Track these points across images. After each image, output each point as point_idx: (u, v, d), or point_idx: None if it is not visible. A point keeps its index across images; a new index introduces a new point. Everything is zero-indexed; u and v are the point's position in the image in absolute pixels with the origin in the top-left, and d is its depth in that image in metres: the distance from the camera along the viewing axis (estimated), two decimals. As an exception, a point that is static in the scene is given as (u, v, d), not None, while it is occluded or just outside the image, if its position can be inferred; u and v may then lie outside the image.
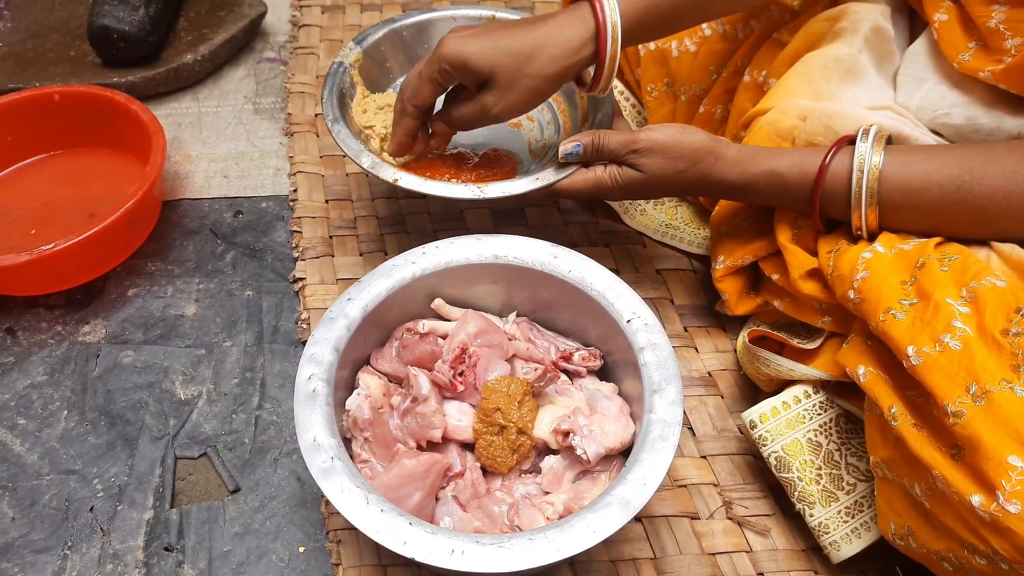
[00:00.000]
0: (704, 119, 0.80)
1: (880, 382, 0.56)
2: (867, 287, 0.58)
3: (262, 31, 1.11)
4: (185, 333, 0.79)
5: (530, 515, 0.59)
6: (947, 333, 0.52)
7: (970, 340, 0.51)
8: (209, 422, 0.72)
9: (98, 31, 0.95)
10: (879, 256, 0.59)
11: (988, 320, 0.52)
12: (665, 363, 0.61)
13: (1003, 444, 0.47)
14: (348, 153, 0.72)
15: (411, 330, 0.67)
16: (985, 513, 0.46)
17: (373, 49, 0.80)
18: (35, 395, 0.74)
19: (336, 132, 0.73)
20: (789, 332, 0.70)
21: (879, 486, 0.57)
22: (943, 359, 0.51)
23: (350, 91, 0.78)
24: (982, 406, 0.48)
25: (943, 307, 0.53)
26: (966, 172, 0.58)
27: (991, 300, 0.53)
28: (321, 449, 0.55)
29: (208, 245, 0.86)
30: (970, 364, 0.50)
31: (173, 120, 0.99)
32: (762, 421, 0.64)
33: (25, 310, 0.80)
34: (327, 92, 0.76)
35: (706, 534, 0.66)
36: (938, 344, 0.52)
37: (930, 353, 0.52)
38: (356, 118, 0.77)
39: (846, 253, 0.62)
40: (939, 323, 0.53)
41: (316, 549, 0.65)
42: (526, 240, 0.69)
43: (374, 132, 0.76)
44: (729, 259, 0.73)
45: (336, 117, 0.74)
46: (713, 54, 0.79)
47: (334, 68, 0.78)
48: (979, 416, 0.48)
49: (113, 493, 0.68)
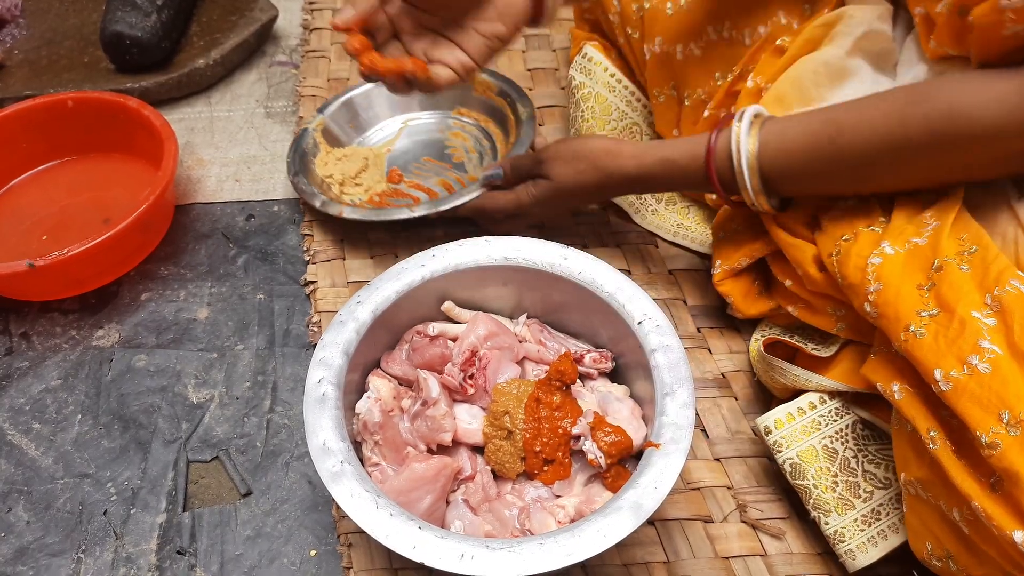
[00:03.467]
0: (709, 123, 0.79)
1: (916, 402, 0.53)
2: (882, 301, 0.55)
3: (274, 35, 1.11)
4: (197, 337, 0.79)
5: (541, 519, 0.59)
6: (975, 355, 0.49)
7: (1000, 361, 0.48)
8: (221, 426, 0.72)
9: (111, 37, 0.95)
10: (889, 260, 0.56)
11: (1018, 335, 0.49)
12: (677, 365, 0.60)
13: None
14: (304, 196, 0.87)
15: (421, 333, 0.67)
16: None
17: (339, 112, 0.96)
18: (49, 399, 0.74)
19: (297, 182, 0.88)
20: (803, 336, 0.69)
21: (910, 503, 0.55)
22: (972, 384, 0.48)
23: (313, 150, 0.93)
24: (1017, 436, 0.46)
25: (969, 323, 0.50)
26: (836, 131, 0.58)
27: (1019, 311, 0.49)
28: (331, 453, 0.55)
29: (220, 249, 0.87)
30: (1002, 389, 0.47)
31: (186, 125, 1.00)
32: (777, 427, 0.63)
33: (40, 315, 0.81)
34: (291, 152, 0.91)
35: (720, 538, 0.65)
36: (966, 367, 0.49)
37: (958, 377, 0.49)
38: (318, 170, 0.92)
39: (849, 257, 0.59)
40: (965, 342, 0.50)
41: (327, 553, 0.65)
42: (536, 242, 0.68)
43: (333, 179, 0.91)
44: (725, 263, 0.73)
45: (297, 171, 0.89)
46: (717, 58, 0.79)
47: (301, 133, 0.93)
48: (1015, 448, 0.46)
49: (126, 497, 0.68)
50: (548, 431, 0.61)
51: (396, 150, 0.96)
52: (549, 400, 0.62)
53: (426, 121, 0.99)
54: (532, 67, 1.06)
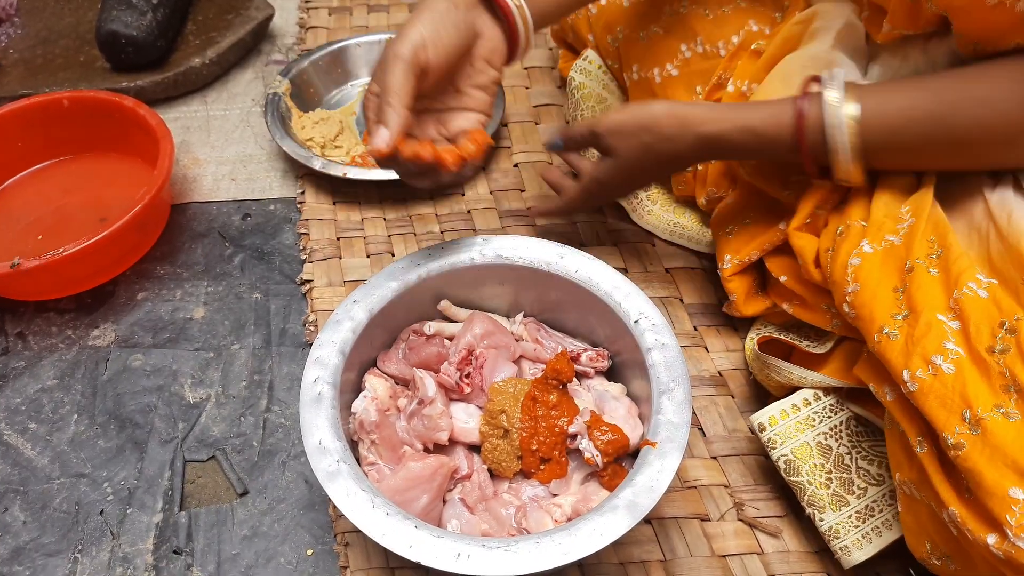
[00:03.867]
0: None
1: (907, 406, 0.53)
2: (859, 302, 0.55)
3: (270, 34, 1.11)
4: (194, 336, 0.79)
5: (538, 517, 0.59)
6: (939, 355, 0.49)
7: (962, 362, 0.49)
8: (218, 425, 0.72)
9: (106, 36, 0.95)
10: (867, 260, 0.56)
11: (974, 337, 0.49)
12: (673, 364, 0.60)
13: (1003, 476, 0.45)
14: (299, 159, 0.88)
15: (417, 332, 0.67)
16: (999, 551, 0.45)
17: (298, 78, 0.98)
18: (45, 399, 0.74)
19: (286, 146, 0.89)
20: (798, 334, 0.69)
21: (905, 502, 0.55)
22: (937, 384, 0.49)
23: (287, 114, 0.95)
24: (978, 435, 0.46)
25: (934, 325, 0.51)
26: (942, 104, 0.55)
27: (975, 313, 0.50)
28: (327, 452, 0.55)
29: (216, 248, 0.87)
30: (963, 389, 0.48)
31: (182, 124, 0.99)
32: (771, 424, 0.63)
33: (36, 314, 0.80)
34: (270, 118, 0.92)
35: (716, 536, 0.65)
36: (931, 367, 0.49)
37: (924, 378, 0.49)
38: (297, 134, 0.93)
39: (839, 255, 0.59)
40: (930, 343, 0.50)
41: (324, 552, 0.65)
42: (532, 240, 0.68)
43: (314, 142, 0.93)
44: (736, 257, 0.72)
45: (283, 135, 0.91)
46: (696, 74, 0.79)
47: (270, 98, 0.94)
48: (977, 448, 0.46)
49: (123, 496, 0.68)
50: (545, 430, 0.61)
51: (359, 114, 0.99)
52: (546, 399, 0.62)
53: None
54: (529, 65, 1.06)
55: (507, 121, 0.99)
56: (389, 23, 1.13)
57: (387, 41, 0.62)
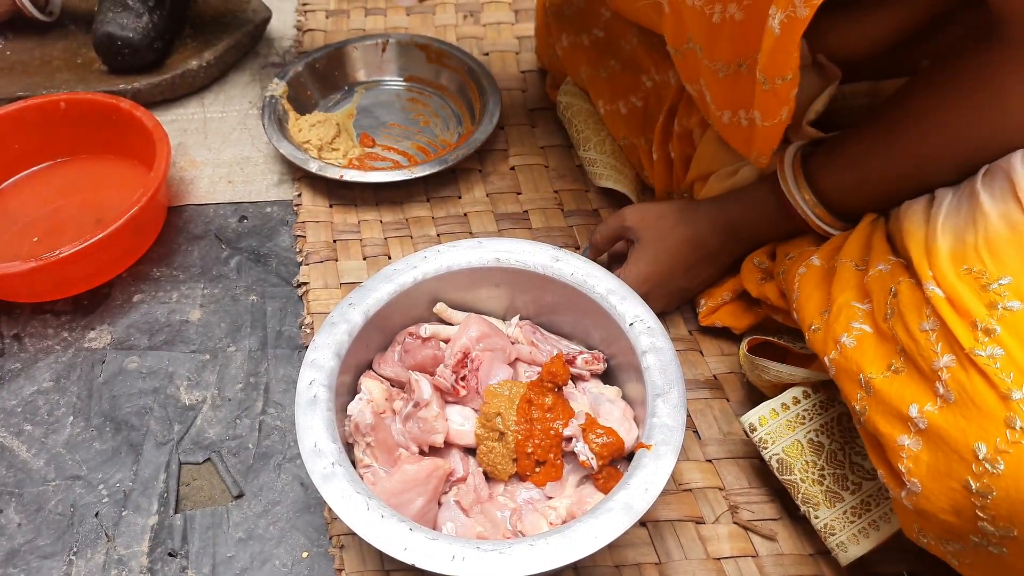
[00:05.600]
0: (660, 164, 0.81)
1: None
2: (799, 307, 0.61)
3: (267, 36, 1.11)
4: (190, 339, 0.79)
5: (533, 520, 0.59)
6: (845, 333, 0.54)
7: (865, 336, 0.53)
8: (213, 427, 0.72)
9: (102, 39, 0.95)
10: (812, 270, 0.62)
11: (876, 311, 0.53)
12: (668, 367, 0.60)
13: (893, 428, 0.48)
14: (296, 162, 0.89)
15: (413, 334, 0.67)
16: (910, 503, 0.48)
17: (295, 81, 0.98)
18: (41, 401, 0.74)
19: (283, 148, 0.90)
20: (791, 337, 0.69)
21: None
22: (842, 359, 0.53)
23: (284, 117, 0.95)
24: (871, 397, 0.50)
25: (845, 309, 0.55)
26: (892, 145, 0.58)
27: (876, 288, 0.54)
28: (322, 455, 0.55)
29: (213, 250, 0.87)
30: (861, 359, 0.52)
31: (179, 126, 0.99)
32: (761, 424, 0.63)
33: (32, 316, 0.80)
34: (266, 120, 0.93)
35: (711, 539, 0.65)
36: (839, 346, 0.54)
37: (835, 358, 0.54)
38: (294, 136, 0.94)
39: (789, 273, 0.65)
40: (839, 326, 0.55)
41: (319, 554, 0.65)
42: (528, 243, 0.68)
43: (311, 145, 0.93)
44: (710, 301, 0.76)
45: (279, 138, 0.91)
46: (643, 110, 0.84)
47: (267, 100, 0.95)
48: (872, 407, 0.50)
49: (118, 499, 0.68)
50: (540, 432, 0.61)
51: (358, 116, 1.01)
52: (541, 402, 0.62)
53: (381, 88, 1.04)
54: (526, 69, 1.06)
55: (504, 124, 0.99)
56: (386, 26, 1.14)
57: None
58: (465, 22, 1.14)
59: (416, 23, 1.14)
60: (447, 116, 1.00)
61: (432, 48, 1.02)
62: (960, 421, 0.45)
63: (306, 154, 0.90)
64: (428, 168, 0.88)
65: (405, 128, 0.99)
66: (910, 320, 0.50)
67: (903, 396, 0.48)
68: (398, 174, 0.87)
